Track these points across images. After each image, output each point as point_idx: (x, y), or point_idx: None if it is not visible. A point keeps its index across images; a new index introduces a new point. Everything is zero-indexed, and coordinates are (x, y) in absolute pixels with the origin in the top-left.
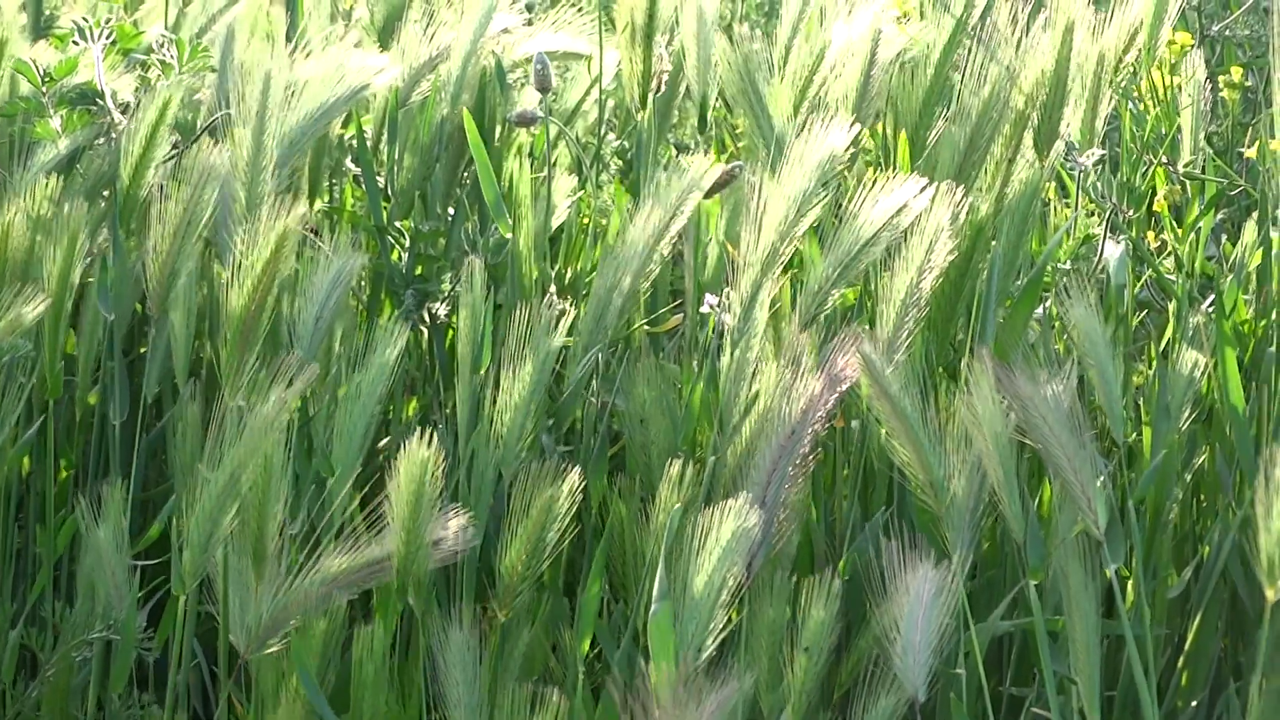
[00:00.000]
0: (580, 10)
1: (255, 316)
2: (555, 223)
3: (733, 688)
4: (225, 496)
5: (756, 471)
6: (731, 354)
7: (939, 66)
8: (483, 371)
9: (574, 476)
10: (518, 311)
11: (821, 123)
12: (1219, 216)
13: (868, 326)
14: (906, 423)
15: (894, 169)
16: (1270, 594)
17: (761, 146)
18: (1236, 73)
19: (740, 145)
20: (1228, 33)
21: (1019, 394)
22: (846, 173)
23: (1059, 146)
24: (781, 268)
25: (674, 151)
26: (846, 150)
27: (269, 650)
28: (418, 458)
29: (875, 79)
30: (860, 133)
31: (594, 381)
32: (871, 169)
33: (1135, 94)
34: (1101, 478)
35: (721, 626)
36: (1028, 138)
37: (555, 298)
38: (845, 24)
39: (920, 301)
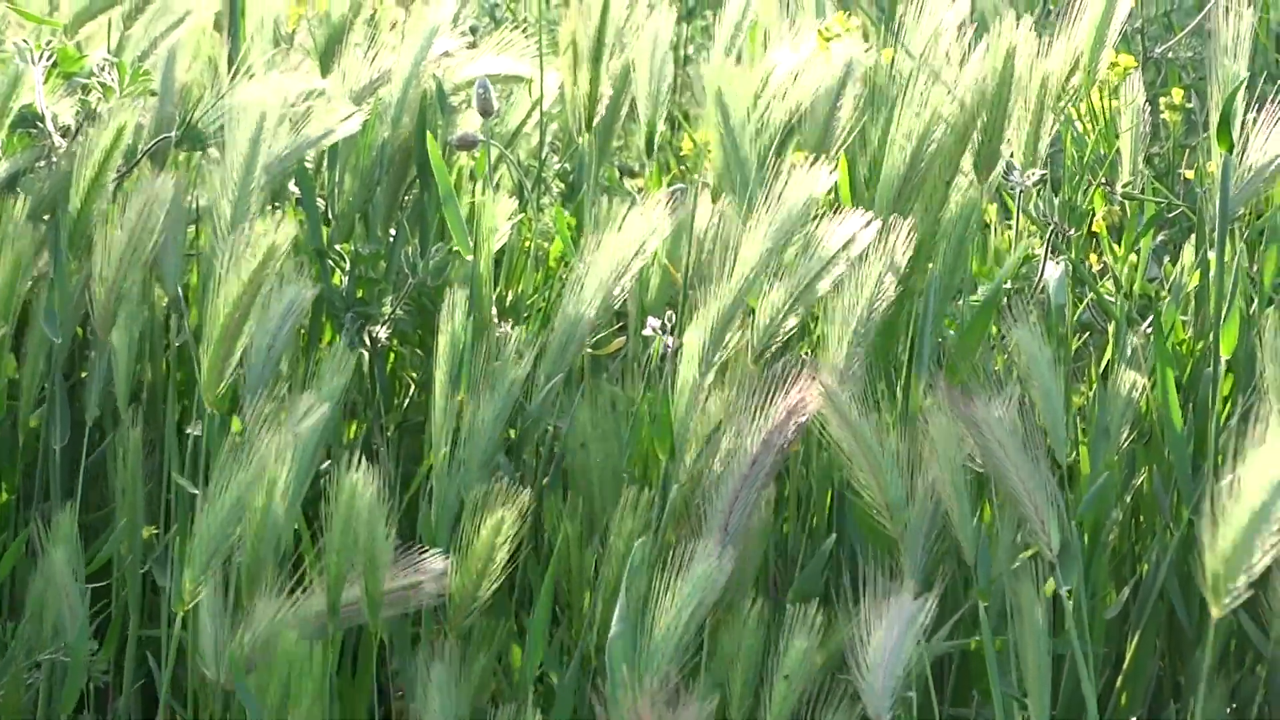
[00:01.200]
0: (526, 33)
1: (236, 330)
2: (497, 245)
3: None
4: (229, 520)
5: (720, 500)
6: (691, 382)
7: (883, 89)
8: (460, 398)
9: (524, 498)
10: (485, 337)
11: (800, 166)
12: (1160, 238)
13: (812, 353)
14: (865, 447)
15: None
16: (1215, 611)
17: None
18: (1177, 95)
19: (684, 168)
20: (1170, 55)
21: (973, 418)
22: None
23: (1000, 167)
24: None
25: (618, 174)
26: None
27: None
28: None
29: (844, 111)
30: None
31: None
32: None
33: (1076, 116)
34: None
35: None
36: (967, 160)
37: (497, 320)
38: (789, 48)
39: (870, 333)
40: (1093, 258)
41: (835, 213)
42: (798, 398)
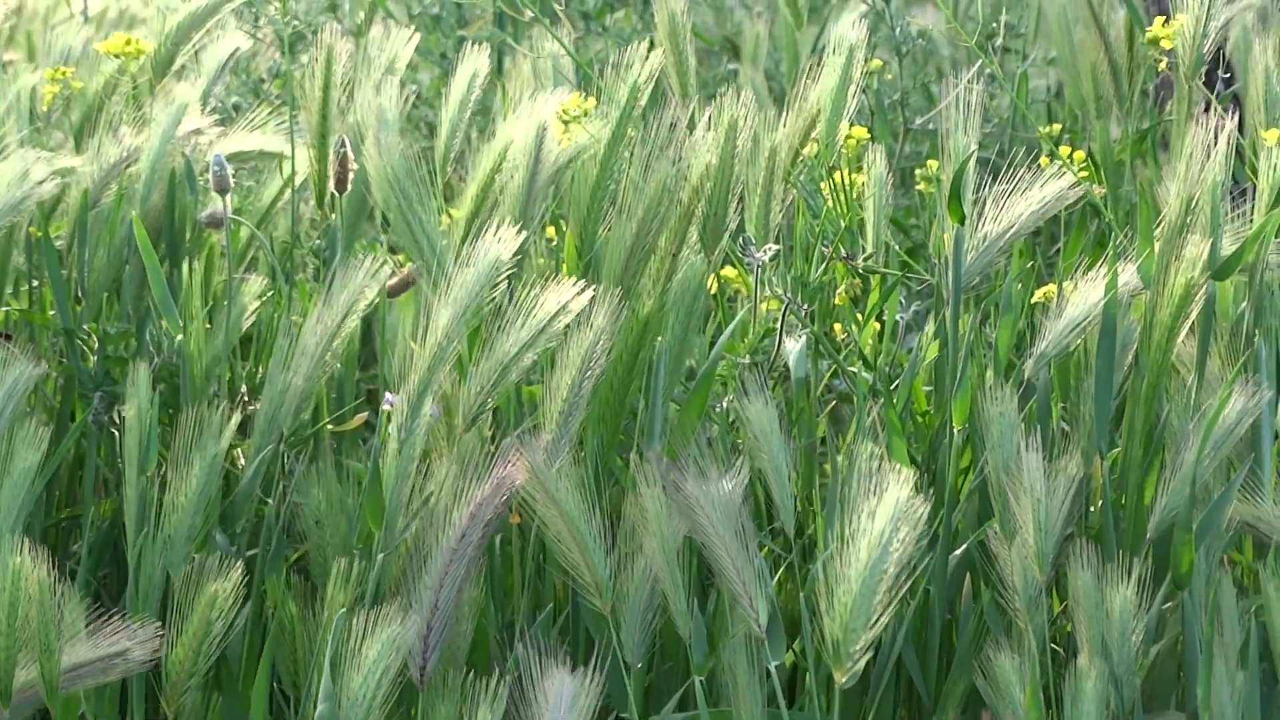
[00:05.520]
0: (293, 109)
1: None
2: (247, 323)
3: None
4: None
5: (429, 575)
6: (399, 453)
7: (604, 163)
8: (149, 473)
9: (237, 572)
10: (187, 412)
11: (490, 228)
12: (914, 308)
13: (535, 426)
14: (572, 525)
15: (561, 267)
16: (839, 677)
17: (418, 254)
18: (933, 165)
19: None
20: (931, 126)
21: (685, 494)
22: (522, 269)
23: (727, 240)
24: (449, 368)
25: (381, 249)
26: (513, 256)
27: None
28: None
29: (541, 179)
30: (530, 235)
31: (280, 481)
32: (538, 269)
33: (821, 190)
34: (776, 576)
35: None
36: (693, 233)
37: (247, 397)
38: (519, 122)
39: (582, 402)
40: (837, 328)
41: (551, 282)
42: (505, 471)
